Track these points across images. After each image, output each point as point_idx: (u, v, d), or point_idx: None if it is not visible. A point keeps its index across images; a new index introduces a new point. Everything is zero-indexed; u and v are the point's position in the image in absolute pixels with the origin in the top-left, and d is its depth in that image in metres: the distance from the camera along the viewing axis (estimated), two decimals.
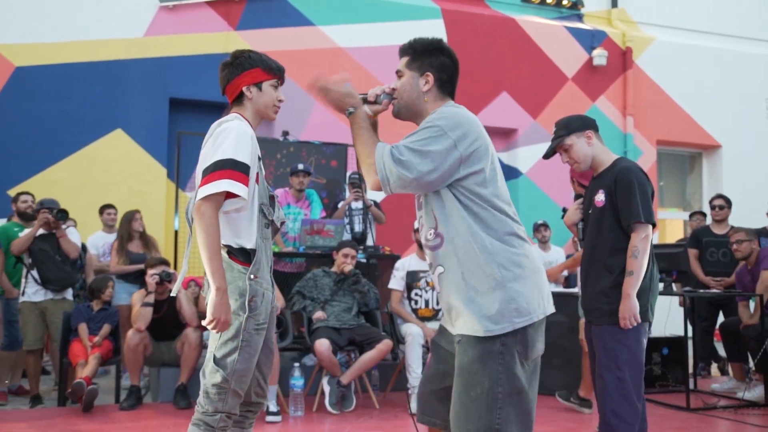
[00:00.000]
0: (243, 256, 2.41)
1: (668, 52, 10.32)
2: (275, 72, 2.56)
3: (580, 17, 10.21)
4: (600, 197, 3.13)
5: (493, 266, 2.02)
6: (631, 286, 2.98)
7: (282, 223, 2.64)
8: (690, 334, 5.84)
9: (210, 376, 2.38)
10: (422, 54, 2.19)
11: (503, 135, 9.73)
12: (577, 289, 5.39)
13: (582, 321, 5.03)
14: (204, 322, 2.33)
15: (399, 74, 2.23)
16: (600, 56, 9.82)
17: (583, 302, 3.25)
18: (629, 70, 10.07)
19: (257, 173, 2.47)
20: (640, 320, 2.99)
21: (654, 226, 3.08)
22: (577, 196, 5.20)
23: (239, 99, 2.55)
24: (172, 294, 2.68)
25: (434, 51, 2.20)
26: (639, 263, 2.99)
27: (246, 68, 2.52)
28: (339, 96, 2.20)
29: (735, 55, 10.64)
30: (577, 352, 5.29)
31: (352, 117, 2.17)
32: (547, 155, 3.26)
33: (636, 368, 3.01)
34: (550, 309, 2.11)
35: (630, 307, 2.97)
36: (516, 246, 2.06)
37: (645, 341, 3.09)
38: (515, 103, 9.56)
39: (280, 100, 2.58)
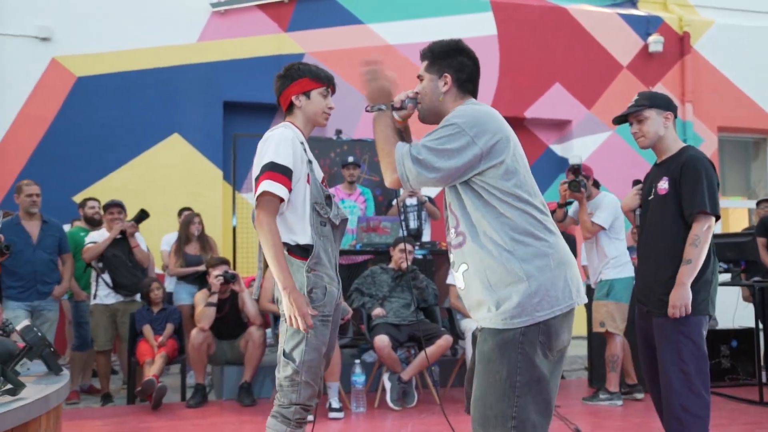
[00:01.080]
0: (300, 251, 2.54)
1: (728, 35, 9.98)
2: (323, 80, 2.68)
3: (634, 3, 9.97)
4: (663, 185, 3.08)
5: (514, 262, 2.03)
6: (687, 274, 2.94)
7: (344, 221, 2.69)
8: (760, 326, 5.64)
9: (282, 370, 2.51)
10: (440, 56, 2.23)
11: (557, 126, 9.58)
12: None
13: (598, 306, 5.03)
14: (282, 326, 2.48)
15: (420, 78, 2.27)
16: (656, 42, 9.57)
17: (639, 290, 3.20)
18: (687, 55, 9.78)
19: (308, 174, 2.57)
20: (690, 310, 2.94)
21: (718, 218, 3.02)
22: (562, 204, 5.21)
23: (291, 108, 2.69)
24: (254, 297, 2.83)
25: (452, 52, 2.23)
26: (698, 253, 2.95)
27: (295, 78, 2.66)
28: (379, 88, 2.24)
29: None
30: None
31: (379, 115, 2.21)
32: (618, 120, 3.21)
33: (701, 360, 2.96)
34: (580, 300, 2.10)
35: (683, 296, 2.92)
36: (540, 238, 2.06)
37: (705, 334, 3.04)
38: (569, 94, 9.40)
39: (330, 108, 2.70)
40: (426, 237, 6.59)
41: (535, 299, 2.00)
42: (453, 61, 2.21)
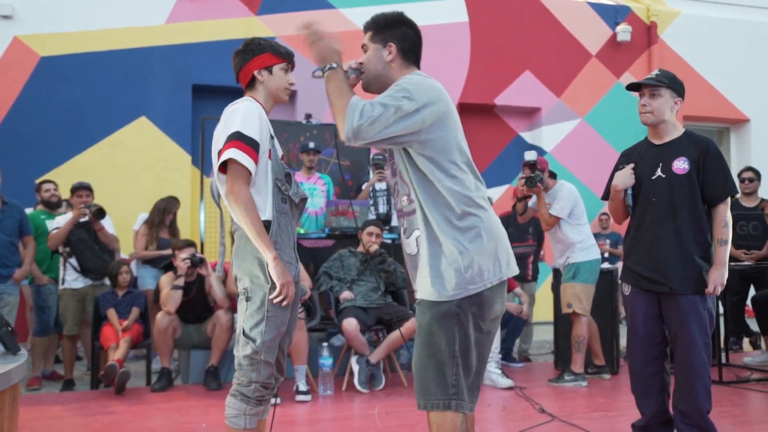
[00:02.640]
0: None
1: (694, 26, 10.12)
2: (284, 56, 2.67)
3: None
4: (682, 164, 3.10)
5: (451, 235, 2.11)
6: (725, 254, 3.06)
7: (303, 200, 2.68)
8: (720, 309, 5.76)
9: (241, 349, 2.48)
10: (384, 26, 2.28)
11: (527, 114, 9.64)
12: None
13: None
14: (272, 296, 2.42)
15: (364, 48, 2.31)
16: (624, 32, 9.67)
17: (648, 269, 3.13)
18: (654, 45, 9.90)
19: (269, 150, 2.55)
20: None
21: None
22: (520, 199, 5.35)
23: (252, 83, 2.65)
24: (217, 272, 2.77)
25: (395, 23, 2.28)
26: (729, 233, 3.07)
27: (256, 53, 2.62)
28: (327, 47, 2.23)
29: (762, 27, 10.41)
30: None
31: (332, 72, 2.19)
32: (632, 87, 3.22)
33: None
34: (510, 272, 2.19)
35: (724, 275, 3.04)
36: (473, 214, 2.13)
37: None
38: (539, 82, 9.46)
39: (290, 83, 2.68)
40: (395, 221, 6.59)
41: (468, 273, 2.09)
42: (396, 31, 2.26)
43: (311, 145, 6.33)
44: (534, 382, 5.35)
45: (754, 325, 6.36)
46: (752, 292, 6.37)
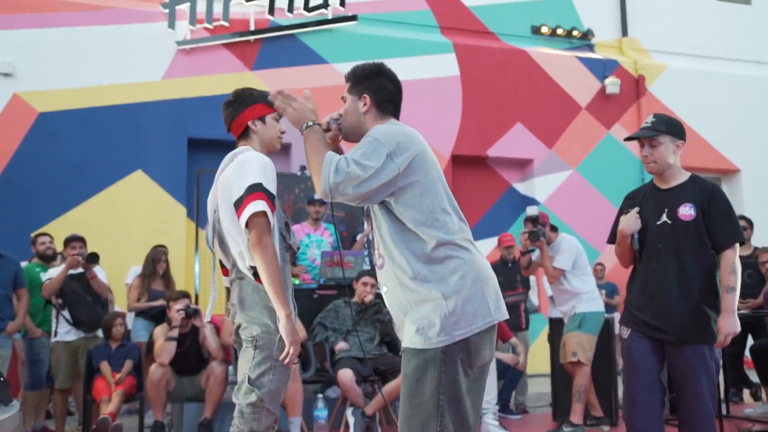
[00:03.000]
0: None
1: (681, 79, 10.36)
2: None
3: (591, 47, 10.30)
4: (688, 211, 3.07)
5: (429, 283, 2.06)
6: (734, 302, 2.98)
7: (298, 248, 2.71)
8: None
9: (244, 397, 2.44)
10: (361, 78, 2.32)
11: (519, 165, 9.76)
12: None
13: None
14: (282, 356, 2.41)
15: (343, 99, 2.35)
16: (613, 84, 9.88)
17: (653, 317, 3.06)
18: (642, 97, 10.10)
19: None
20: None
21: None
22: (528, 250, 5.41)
23: (245, 133, 2.67)
24: (206, 319, 2.77)
25: (371, 74, 2.32)
26: (737, 279, 3.00)
27: (249, 104, 2.66)
28: (302, 108, 2.28)
29: (748, 79, 10.65)
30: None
31: (309, 130, 2.23)
32: (631, 138, 3.20)
33: None
34: (499, 315, 2.13)
35: (735, 324, 2.95)
36: (455, 256, 2.09)
37: None
38: (530, 134, 9.60)
39: (282, 132, 2.72)
40: None
41: (452, 318, 2.03)
42: (372, 83, 2.30)
43: (316, 196, 6.36)
44: None
45: (753, 375, 6.31)
46: (750, 341, 6.35)
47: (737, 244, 3.05)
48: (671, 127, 3.13)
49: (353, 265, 5.89)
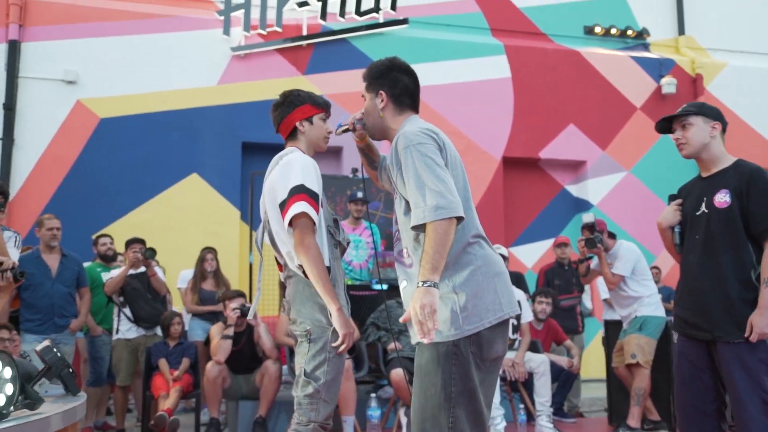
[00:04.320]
0: None
1: (740, 77, 10.06)
2: (323, 106, 2.77)
3: (646, 46, 10.10)
4: (724, 197, 2.82)
5: (445, 275, 2.04)
6: None
7: (348, 243, 2.76)
8: None
9: (302, 389, 2.52)
10: (375, 75, 2.34)
11: (572, 167, 9.62)
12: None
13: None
14: (334, 344, 2.50)
15: (363, 98, 2.38)
16: (669, 84, 9.66)
17: (692, 314, 2.87)
18: (700, 96, 9.83)
19: (321, 197, 2.63)
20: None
21: None
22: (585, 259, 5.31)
23: (293, 134, 2.74)
24: (249, 317, 2.84)
25: (385, 70, 2.33)
26: None
27: (297, 105, 2.72)
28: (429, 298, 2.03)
29: None
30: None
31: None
32: (661, 126, 3.04)
33: None
34: (511, 311, 2.12)
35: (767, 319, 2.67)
36: (468, 252, 2.10)
37: None
38: (583, 135, 9.46)
39: (329, 132, 2.77)
40: None
41: (464, 313, 2.04)
42: (386, 79, 2.31)
43: (359, 194, 6.39)
44: None
45: None
46: None
47: None
48: (702, 109, 2.94)
49: None
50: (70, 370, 2.74)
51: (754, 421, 2.66)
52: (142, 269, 5.77)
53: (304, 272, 2.55)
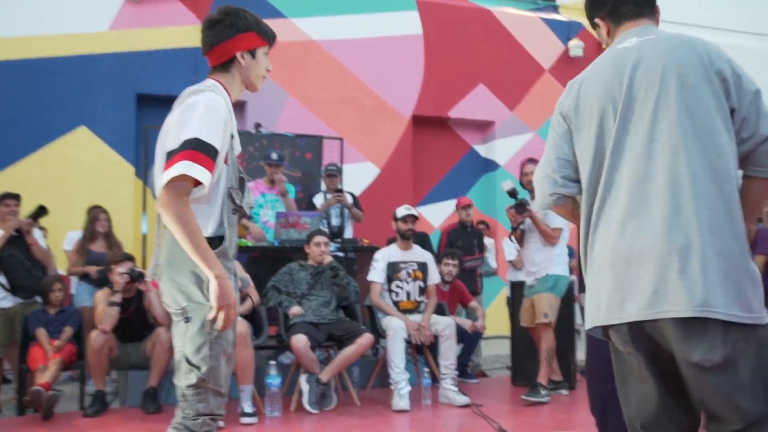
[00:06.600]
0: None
1: None
2: (270, 38, 2.31)
3: (555, 8, 10.10)
4: None
5: None
6: None
7: (251, 208, 2.40)
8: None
9: (184, 377, 2.13)
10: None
11: (480, 127, 9.57)
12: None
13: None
14: (210, 316, 2.07)
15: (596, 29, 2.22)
16: (576, 47, 9.71)
17: None
18: None
19: (226, 153, 2.17)
20: None
21: None
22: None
23: (226, 65, 2.25)
24: (148, 278, 2.39)
25: None
26: None
27: (241, 30, 2.23)
28: None
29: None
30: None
31: None
32: None
33: None
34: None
35: None
36: None
37: None
38: (492, 95, 9.41)
39: (268, 70, 2.33)
40: (348, 234, 6.39)
41: None
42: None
43: (273, 156, 6.06)
44: (490, 398, 5.18)
45: None
46: None
47: None
48: None
49: (309, 227, 5.64)
50: None
51: None
52: (20, 233, 5.25)
53: None
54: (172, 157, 2.04)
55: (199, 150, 2.03)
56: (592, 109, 1.89)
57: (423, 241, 6.37)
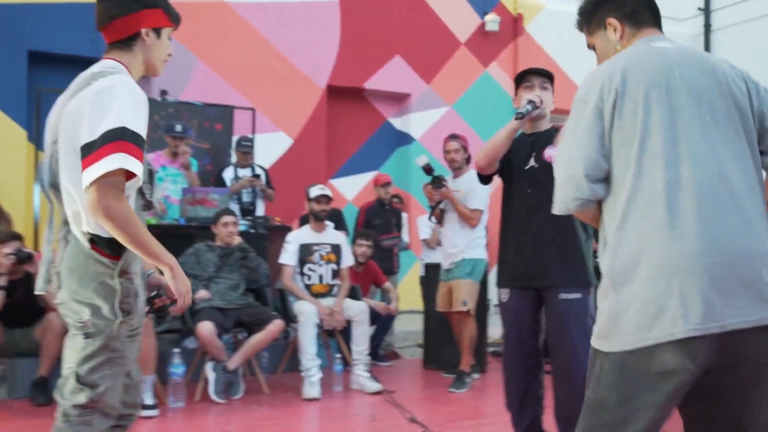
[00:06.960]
0: (111, 247, 1.90)
1: (557, 20, 10.30)
2: (176, 20, 2.11)
3: None
4: (552, 152, 3.01)
5: None
6: None
7: (158, 202, 2.20)
8: None
9: (71, 396, 1.91)
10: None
11: (396, 100, 9.43)
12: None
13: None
14: (176, 307, 1.99)
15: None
16: (492, 21, 9.68)
17: (530, 268, 3.06)
18: (520, 36, 10.00)
19: None
20: None
21: None
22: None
23: (127, 42, 2.00)
24: (38, 291, 2.09)
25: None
26: None
27: (148, 5, 2.02)
28: None
29: None
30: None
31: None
32: (519, 76, 3.32)
33: None
34: None
35: None
36: None
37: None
38: (408, 68, 9.26)
39: (170, 55, 2.12)
40: (259, 211, 6.16)
41: None
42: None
43: (178, 128, 5.70)
44: (402, 383, 5.14)
45: None
46: None
47: None
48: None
49: (218, 204, 5.38)
50: None
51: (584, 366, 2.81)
52: None
53: (91, 240, 1.89)
54: (94, 150, 1.79)
55: (128, 140, 1.80)
56: (645, 99, 1.71)
57: (336, 217, 6.23)
